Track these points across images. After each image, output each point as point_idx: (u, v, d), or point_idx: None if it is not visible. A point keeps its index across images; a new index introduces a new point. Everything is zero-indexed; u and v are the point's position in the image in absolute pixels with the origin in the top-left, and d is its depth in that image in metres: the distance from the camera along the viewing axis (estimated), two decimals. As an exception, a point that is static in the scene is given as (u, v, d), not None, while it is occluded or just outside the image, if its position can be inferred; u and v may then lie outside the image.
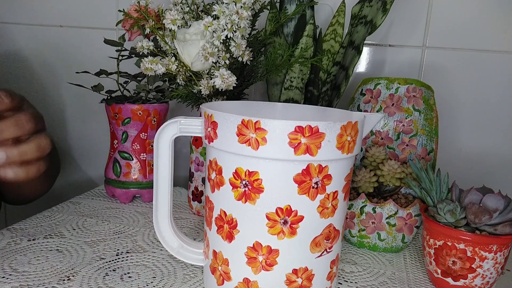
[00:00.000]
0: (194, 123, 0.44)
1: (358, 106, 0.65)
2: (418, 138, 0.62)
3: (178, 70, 0.60)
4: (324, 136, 0.38)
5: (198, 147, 0.66)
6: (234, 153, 0.39)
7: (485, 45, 0.75)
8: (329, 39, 0.68)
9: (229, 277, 0.43)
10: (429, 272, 0.53)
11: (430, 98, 0.62)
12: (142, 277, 0.49)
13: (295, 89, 0.67)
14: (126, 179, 0.72)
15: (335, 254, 0.44)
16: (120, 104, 0.70)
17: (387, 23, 0.77)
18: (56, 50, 0.91)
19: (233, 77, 0.57)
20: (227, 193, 0.41)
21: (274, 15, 0.66)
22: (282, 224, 0.40)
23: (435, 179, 0.53)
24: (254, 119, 0.37)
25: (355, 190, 0.61)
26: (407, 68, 0.78)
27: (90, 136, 0.94)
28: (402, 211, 0.58)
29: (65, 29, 0.89)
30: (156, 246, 0.57)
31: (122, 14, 0.61)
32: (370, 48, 0.79)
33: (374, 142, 0.63)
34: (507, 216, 0.47)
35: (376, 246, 0.60)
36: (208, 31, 0.57)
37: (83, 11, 0.88)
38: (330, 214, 0.41)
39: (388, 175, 0.58)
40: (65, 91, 0.93)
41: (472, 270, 0.47)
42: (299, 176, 0.39)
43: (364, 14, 0.64)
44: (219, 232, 0.43)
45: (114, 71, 0.70)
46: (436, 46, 0.76)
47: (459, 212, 0.48)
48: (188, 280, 0.50)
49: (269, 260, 0.41)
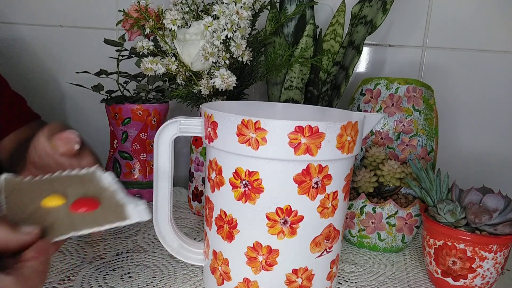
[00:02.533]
0: (194, 123, 0.44)
1: (358, 106, 0.65)
2: (418, 138, 0.62)
3: (178, 70, 0.60)
4: (324, 136, 0.38)
5: (198, 147, 0.66)
6: (234, 153, 0.39)
7: (485, 45, 0.75)
8: (329, 39, 0.68)
9: (229, 277, 0.43)
10: (429, 272, 0.53)
11: (430, 98, 0.62)
12: (142, 277, 0.49)
13: (295, 89, 0.67)
14: (126, 179, 0.72)
15: (335, 254, 0.44)
16: (120, 104, 0.70)
17: (387, 23, 0.77)
18: (56, 50, 0.91)
19: (233, 77, 0.57)
20: (227, 193, 0.41)
21: (274, 15, 0.66)
22: (282, 224, 0.40)
23: (435, 179, 0.53)
24: (254, 119, 0.37)
25: (355, 190, 0.61)
26: (407, 68, 0.78)
27: (90, 136, 0.94)
28: (402, 211, 0.58)
29: (65, 29, 0.89)
30: (156, 246, 0.57)
31: (122, 14, 0.61)
32: (370, 48, 0.79)
33: (374, 142, 0.63)
34: (507, 216, 0.47)
35: (376, 246, 0.60)
36: (208, 31, 0.57)
37: (83, 11, 0.88)
38: (330, 214, 0.41)
39: (388, 175, 0.58)
40: (65, 91, 0.93)
41: (472, 270, 0.47)
42: (299, 176, 0.39)
43: (364, 14, 0.64)
44: (219, 232, 0.43)
45: (114, 71, 0.70)
46: (436, 46, 0.76)
47: (459, 212, 0.48)
48: (188, 280, 0.50)
49: (269, 260, 0.41)
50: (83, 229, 0.33)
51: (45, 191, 0.38)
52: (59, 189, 0.38)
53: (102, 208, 0.36)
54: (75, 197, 0.37)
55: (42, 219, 0.34)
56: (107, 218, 0.34)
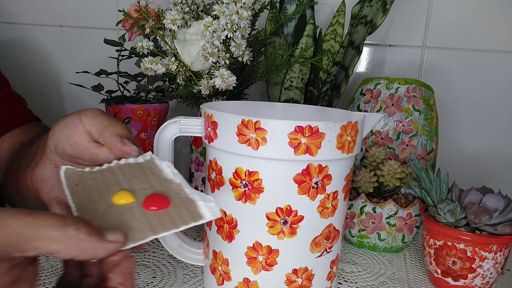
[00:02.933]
0: (194, 123, 0.44)
1: (358, 106, 0.65)
2: (418, 138, 0.62)
3: (178, 70, 0.60)
4: (324, 136, 0.38)
5: (198, 147, 0.66)
6: (234, 153, 0.39)
7: (485, 45, 0.75)
8: (329, 39, 0.68)
9: (229, 277, 0.43)
10: (429, 272, 0.53)
11: (430, 98, 0.62)
12: (142, 277, 0.49)
13: (295, 89, 0.67)
14: (126, 179, 0.72)
15: (335, 254, 0.44)
16: (120, 104, 0.70)
17: (387, 23, 0.77)
18: (56, 50, 0.91)
19: (233, 77, 0.57)
20: (227, 193, 0.41)
21: (274, 15, 0.66)
22: (282, 224, 0.40)
23: (435, 179, 0.53)
24: (254, 119, 0.37)
25: (355, 190, 0.61)
26: (407, 68, 0.78)
27: (90, 136, 0.94)
28: (402, 211, 0.58)
29: (65, 29, 0.89)
30: (156, 246, 0.57)
31: (122, 14, 0.61)
32: (370, 48, 0.79)
33: (374, 142, 0.63)
34: (507, 216, 0.47)
35: (376, 246, 0.60)
36: (208, 31, 0.57)
37: (83, 11, 0.88)
38: (330, 214, 0.41)
39: (388, 175, 0.58)
40: (65, 91, 0.93)
41: (472, 270, 0.47)
42: (299, 176, 0.39)
43: (364, 14, 0.64)
44: (219, 232, 0.43)
45: (114, 71, 0.70)
46: (436, 46, 0.76)
47: (459, 212, 0.48)
48: (188, 280, 0.50)
49: (269, 260, 0.41)
50: (162, 232, 0.29)
51: (111, 185, 0.34)
52: (123, 183, 0.34)
53: (174, 205, 0.32)
54: (143, 193, 0.33)
55: (117, 220, 0.30)
56: (182, 218, 0.30)
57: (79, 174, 0.36)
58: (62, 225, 0.25)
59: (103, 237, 0.27)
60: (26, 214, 0.25)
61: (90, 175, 0.36)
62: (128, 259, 0.30)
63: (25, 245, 0.24)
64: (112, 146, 0.36)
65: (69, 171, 0.36)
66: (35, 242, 0.25)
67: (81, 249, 0.26)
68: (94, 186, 0.34)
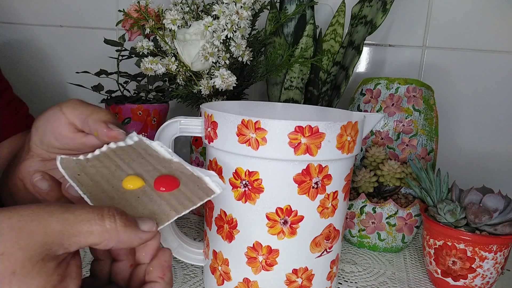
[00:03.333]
0: (194, 123, 0.44)
1: (358, 106, 0.65)
2: (418, 138, 0.62)
3: (178, 70, 0.60)
4: (324, 136, 0.38)
5: (198, 147, 0.66)
6: (234, 153, 0.39)
7: (485, 45, 0.75)
8: (329, 39, 0.68)
9: (229, 277, 0.43)
10: (429, 272, 0.53)
11: (430, 98, 0.62)
12: (142, 277, 0.49)
13: (295, 89, 0.67)
14: (126, 179, 0.72)
15: (335, 254, 0.44)
16: (120, 104, 0.70)
17: (387, 23, 0.77)
18: (56, 50, 0.91)
19: (233, 77, 0.57)
20: (227, 193, 0.41)
21: (274, 15, 0.66)
22: (282, 224, 0.40)
23: (435, 179, 0.53)
24: (254, 119, 0.37)
25: (355, 190, 0.61)
26: (407, 68, 0.78)
27: (90, 136, 0.94)
28: (402, 211, 0.58)
29: (65, 29, 0.89)
30: (156, 246, 0.57)
31: (122, 14, 0.61)
32: (370, 48, 0.79)
33: (374, 142, 0.63)
34: (507, 216, 0.47)
35: (376, 246, 0.60)
36: (208, 31, 0.57)
37: (83, 11, 0.88)
38: (330, 214, 0.41)
39: (388, 175, 0.58)
40: (65, 91, 0.93)
41: (472, 270, 0.47)
42: (299, 176, 0.39)
43: (364, 14, 0.64)
44: (219, 232, 0.43)
45: (114, 71, 0.70)
46: (436, 46, 0.76)
47: (459, 212, 0.48)
48: (188, 280, 0.50)
49: (269, 260, 0.41)
50: (183, 210, 0.30)
51: (114, 171, 0.34)
52: (126, 168, 0.34)
53: (183, 184, 0.32)
54: (150, 175, 0.33)
55: (137, 205, 0.30)
56: (197, 195, 0.31)
57: (76, 163, 0.35)
58: (99, 219, 0.26)
59: (138, 227, 0.27)
60: (64, 210, 0.25)
61: (88, 163, 0.35)
62: (164, 252, 0.31)
63: (67, 242, 0.25)
64: (98, 133, 0.36)
65: (64, 161, 0.35)
66: (76, 237, 0.25)
67: (119, 241, 0.26)
68: (98, 174, 0.34)
